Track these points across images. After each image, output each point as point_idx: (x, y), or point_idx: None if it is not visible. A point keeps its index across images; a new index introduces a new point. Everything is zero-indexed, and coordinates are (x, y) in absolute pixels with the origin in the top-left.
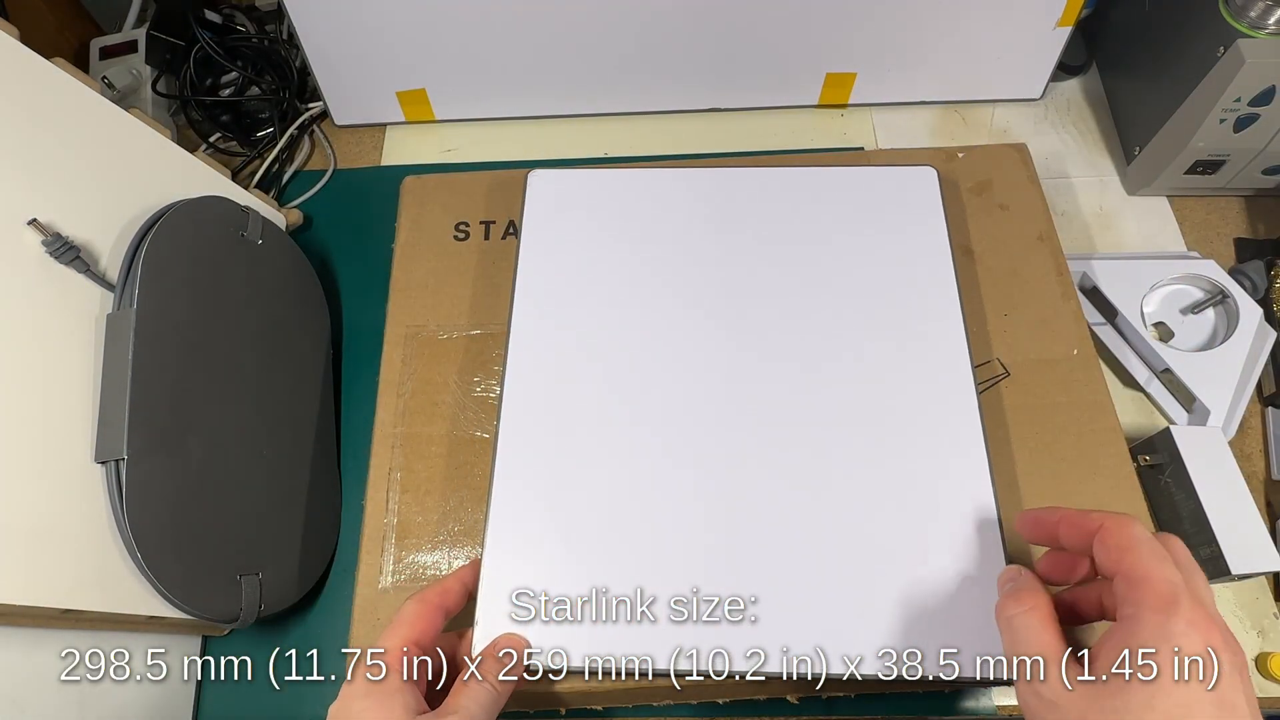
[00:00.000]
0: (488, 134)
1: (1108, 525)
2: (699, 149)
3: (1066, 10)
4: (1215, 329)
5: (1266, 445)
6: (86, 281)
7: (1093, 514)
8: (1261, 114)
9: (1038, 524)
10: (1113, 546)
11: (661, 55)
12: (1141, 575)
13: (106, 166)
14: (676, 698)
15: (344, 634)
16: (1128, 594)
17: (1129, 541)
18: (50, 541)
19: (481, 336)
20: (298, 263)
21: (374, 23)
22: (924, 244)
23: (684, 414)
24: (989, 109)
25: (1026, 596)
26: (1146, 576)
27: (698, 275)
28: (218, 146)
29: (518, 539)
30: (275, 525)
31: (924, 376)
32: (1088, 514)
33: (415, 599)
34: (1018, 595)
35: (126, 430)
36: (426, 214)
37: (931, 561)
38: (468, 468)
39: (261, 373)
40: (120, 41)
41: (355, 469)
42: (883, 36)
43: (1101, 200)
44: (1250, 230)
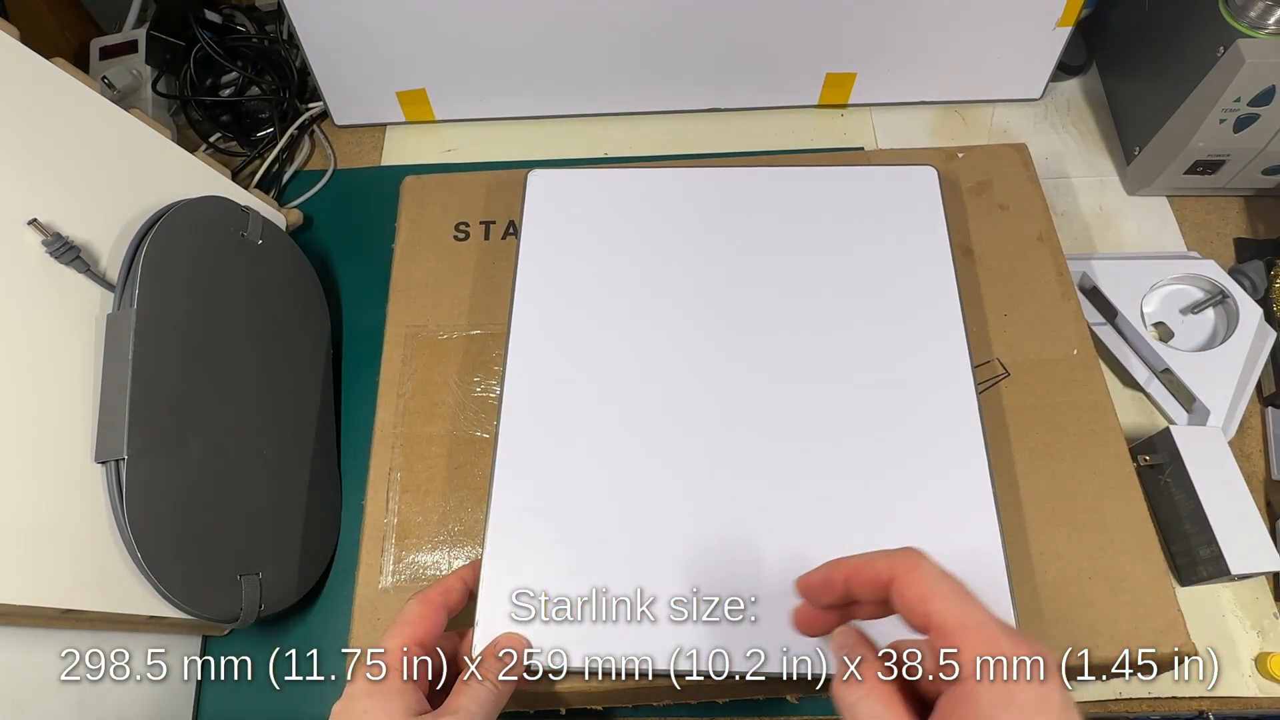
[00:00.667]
0: (488, 134)
1: (899, 574)
2: (699, 149)
3: (1066, 10)
4: (1215, 329)
5: (1266, 445)
6: (86, 281)
7: (877, 559)
8: (1261, 114)
9: (826, 585)
10: (913, 597)
11: (661, 55)
12: (954, 625)
13: (106, 166)
14: (676, 698)
15: (344, 634)
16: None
17: (927, 589)
18: (50, 541)
19: (481, 336)
20: (298, 263)
21: (374, 23)
22: (924, 244)
23: (684, 413)
24: (989, 109)
25: (867, 675)
26: (960, 625)
27: (698, 275)
28: (218, 146)
29: (518, 539)
30: (275, 525)
31: (924, 377)
32: (873, 560)
33: (418, 599)
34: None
35: (126, 430)
36: (426, 214)
37: None
38: (468, 468)
39: (261, 373)
40: (120, 41)
41: (355, 469)
42: (883, 36)
43: (1101, 200)
44: (1250, 230)
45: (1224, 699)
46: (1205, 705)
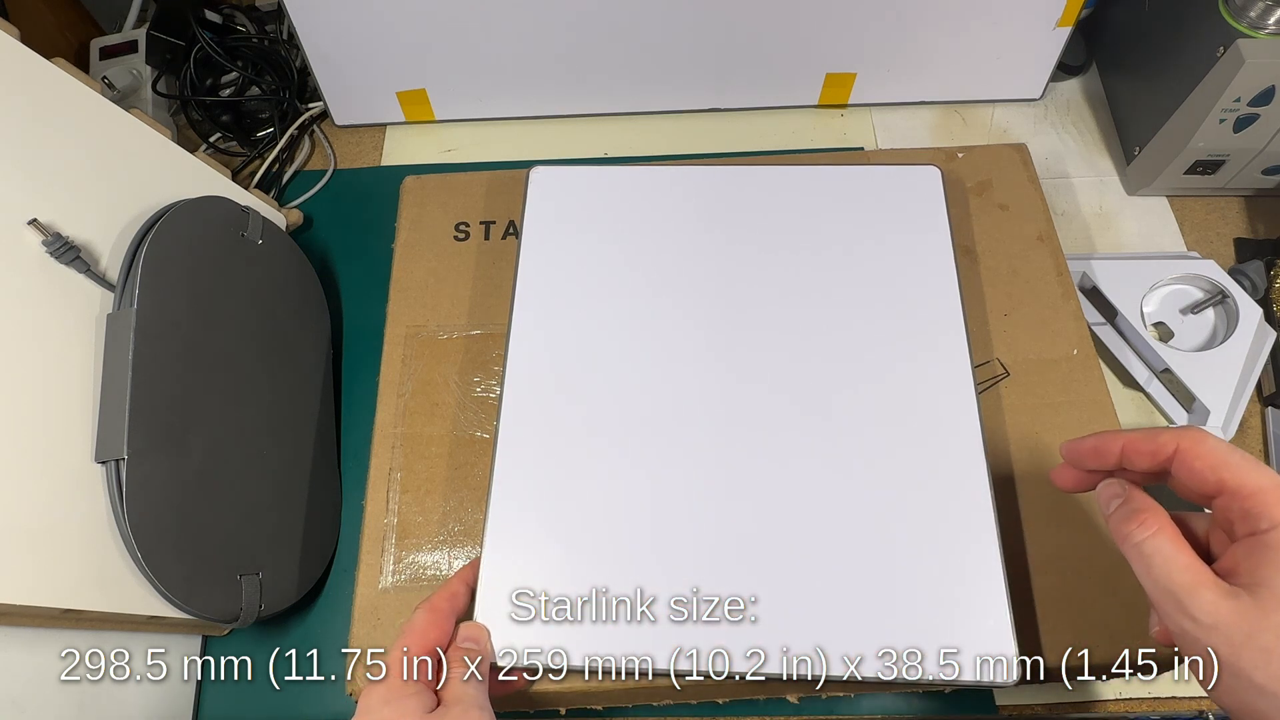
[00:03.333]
0: (488, 134)
1: (1185, 446)
2: (699, 149)
3: (1066, 10)
4: (1215, 329)
5: (1266, 445)
6: (87, 281)
7: (1161, 434)
8: (1261, 114)
9: (1096, 452)
10: (1203, 467)
11: (661, 55)
12: (1253, 487)
13: (107, 166)
14: (676, 698)
15: (344, 634)
16: (1246, 507)
17: (1220, 458)
18: (51, 541)
19: (481, 336)
20: (298, 263)
21: (374, 23)
22: (927, 244)
23: (684, 413)
24: (989, 109)
25: (1149, 519)
26: (1259, 487)
27: (699, 274)
28: (218, 146)
29: (518, 539)
30: (275, 525)
31: (924, 376)
32: (1156, 434)
33: (425, 607)
34: (1139, 517)
35: (127, 430)
36: (426, 214)
37: (931, 561)
38: (468, 468)
39: (261, 373)
40: (120, 41)
41: (355, 469)
42: (883, 36)
43: (1101, 200)
44: (1250, 230)
45: None
46: (1205, 705)
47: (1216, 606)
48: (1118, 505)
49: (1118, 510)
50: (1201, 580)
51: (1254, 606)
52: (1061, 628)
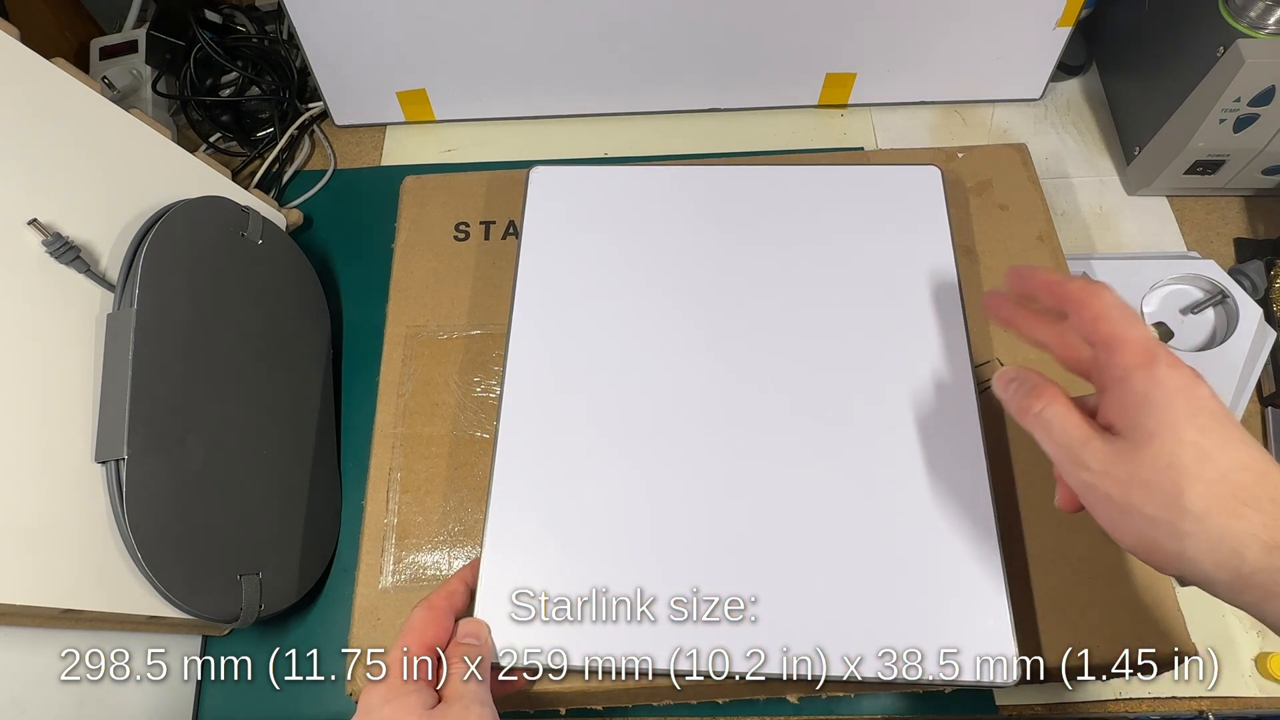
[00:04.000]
0: (488, 134)
1: (1080, 296)
2: (699, 149)
3: (1066, 10)
4: (1215, 329)
5: (1266, 445)
6: (87, 281)
7: (1069, 282)
8: (1261, 114)
9: (1019, 277)
10: (1088, 317)
11: (661, 55)
12: (1118, 339)
13: (107, 166)
14: (676, 698)
15: (344, 634)
16: (1110, 359)
17: (1101, 310)
18: (50, 541)
19: (481, 336)
20: (298, 263)
21: (374, 23)
22: (927, 243)
23: (684, 413)
24: (989, 109)
25: (1044, 391)
26: (1124, 339)
27: (699, 275)
28: (218, 146)
29: (517, 539)
30: (275, 525)
31: (924, 377)
32: (1065, 281)
33: (423, 605)
34: (1036, 392)
35: (126, 430)
36: (426, 214)
37: (931, 561)
38: (468, 468)
39: (261, 373)
40: (120, 41)
41: (355, 469)
42: (883, 36)
43: (1101, 200)
44: (1250, 230)
45: (1224, 699)
46: (1205, 705)
47: (1103, 452)
48: (1015, 387)
49: (1016, 391)
50: (1090, 435)
51: (1130, 448)
52: (1061, 628)
